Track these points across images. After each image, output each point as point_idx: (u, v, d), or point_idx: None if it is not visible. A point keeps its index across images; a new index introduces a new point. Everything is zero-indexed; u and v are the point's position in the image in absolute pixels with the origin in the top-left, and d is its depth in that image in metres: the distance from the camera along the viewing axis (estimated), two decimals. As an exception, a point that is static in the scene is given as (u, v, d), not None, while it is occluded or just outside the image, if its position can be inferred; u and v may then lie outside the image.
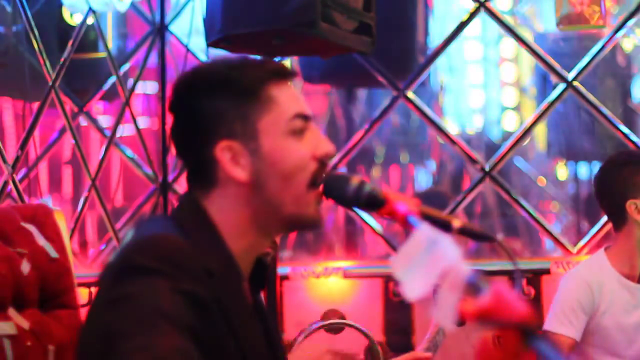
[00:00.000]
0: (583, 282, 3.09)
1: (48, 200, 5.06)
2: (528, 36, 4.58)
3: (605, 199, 3.17)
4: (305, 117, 1.63)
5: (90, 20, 4.47)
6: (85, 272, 4.06)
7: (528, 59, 5.97)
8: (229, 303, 1.54)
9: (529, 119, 4.55)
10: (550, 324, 3.08)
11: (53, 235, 2.12)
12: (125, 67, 4.76)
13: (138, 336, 1.39)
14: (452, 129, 5.51)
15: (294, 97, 1.64)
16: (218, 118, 1.60)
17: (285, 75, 1.65)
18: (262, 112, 1.60)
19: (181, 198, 1.68)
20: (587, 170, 5.97)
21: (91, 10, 4.36)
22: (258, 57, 3.48)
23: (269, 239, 1.67)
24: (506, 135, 5.83)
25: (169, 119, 1.68)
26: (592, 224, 4.38)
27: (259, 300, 1.71)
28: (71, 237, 4.22)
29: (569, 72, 4.32)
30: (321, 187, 1.62)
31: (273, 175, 1.59)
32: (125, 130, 4.77)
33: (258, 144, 1.59)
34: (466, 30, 4.50)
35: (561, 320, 3.06)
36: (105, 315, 1.46)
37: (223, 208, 1.60)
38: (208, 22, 3.39)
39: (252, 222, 1.61)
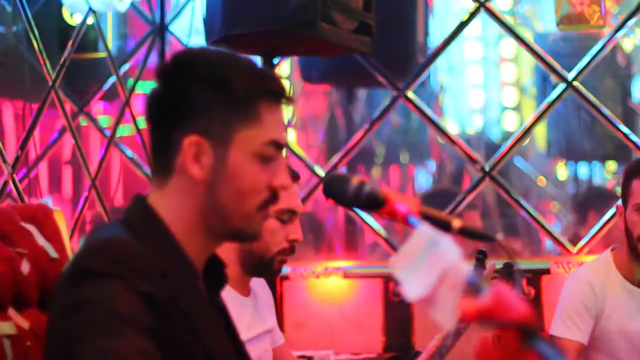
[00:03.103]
0: (586, 284, 3.06)
1: (48, 200, 5.06)
2: (528, 36, 4.58)
3: None
4: (279, 146, 1.60)
5: (90, 20, 4.47)
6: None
7: (528, 59, 5.96)
8: (186, 302, 1.53)
9: (529, 119, 4.56)
10: (556, 328, 3.06)
11: (53, 235, 2.11)
12: (125, 67, 4.76)
13: (97, 340, 1.39)
14: (452, 129, 5.51)
15: (279, 123, 1.61)
16: (201, 111, 1.57)
17: (281, 98, 1.62)
18: (244, 125, 1.57)
19: (131, 201, 1.65)
20: (587, 170, 5.97)
21: (91, 10, 4.36)
22: (260, 61, 3.50)
23: (216, 243, 1.65)
24: (506, 135, 5.83)
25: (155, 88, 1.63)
26: (592, 224, 4.38)
27: (219, 299, 1.70)
28: (71, 237, 4.22)
29: (569, 72, 4.32)
30: (268, 209, 1.61)
31: (228, 187, 1.57)
32: (125, 130, 4.77)
33: (227, 152, 1.56)
34: (466, 30, 4.51)
35: (567, 324, 3.04)
36: (63, 322, 1.45)
37: (173, 204, 1.59)
38: (208, 22, 3.39)
39: (199, 223, 1.59)
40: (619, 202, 3.08)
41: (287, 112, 1.65)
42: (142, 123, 4.92)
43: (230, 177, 1.57)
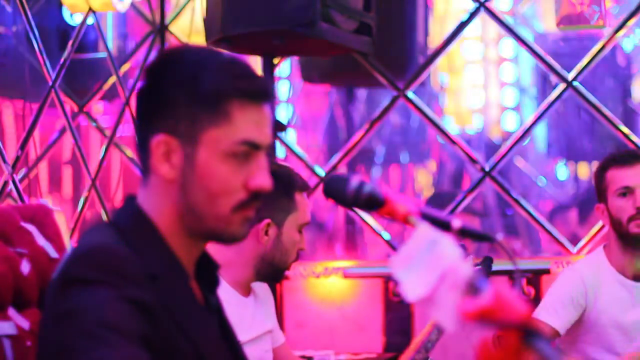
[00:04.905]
0: (578, 277, 3.14)
1: (48, 201, 5.06)
2: (528, 36, 4.58)
3: None
4: (254, 146, 1.55)
5: (90, 20, 4.47)
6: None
7: (528, 59, 5.97)
8: (177, 305, 1.52)
9: (529, 119, 4.55)
10: (538, 311, 3.12)
11: (53, 235, 2.11)
12: (125, 67, 4.76)
13: (88, 351, 1.37)
14: (452, 129, 5.51)
15: (253, 122, 1.55)
16: (170, 109, 1.54)
17: (255, 98, 1.56)
18: (211, 124, 1.53)
19: (122, 201, 1.64)
20: (587, 170, 5.97)
21: (91, 10, 4.36)
22: (260, 61, 3.50)
23: (201, 243, 1.61)
24: (506, 135, 5.83)
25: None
26: (592, 223, 4.38)
27: (214, 299, 1.67)
28: (71, 237, 4.22)
29: (569, 72, 4.32)
30: (248, 209, 1.57)
31: (198, 188, 1.54)
32: (125, 130, 4.77)
33: (195, 151, 1.53)
34: (466, 30, 4.50)
35: (547, 310, 3.10)
36: (53, 332, 1.44)
37: (155, 204, 1.57)
38: (208, 22, 3.39)
39: (179, 224, 1.57)
40: (597, 203, 3.20)
41: (269, 111, 1.58)
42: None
43: (200, 178, 1.53)
